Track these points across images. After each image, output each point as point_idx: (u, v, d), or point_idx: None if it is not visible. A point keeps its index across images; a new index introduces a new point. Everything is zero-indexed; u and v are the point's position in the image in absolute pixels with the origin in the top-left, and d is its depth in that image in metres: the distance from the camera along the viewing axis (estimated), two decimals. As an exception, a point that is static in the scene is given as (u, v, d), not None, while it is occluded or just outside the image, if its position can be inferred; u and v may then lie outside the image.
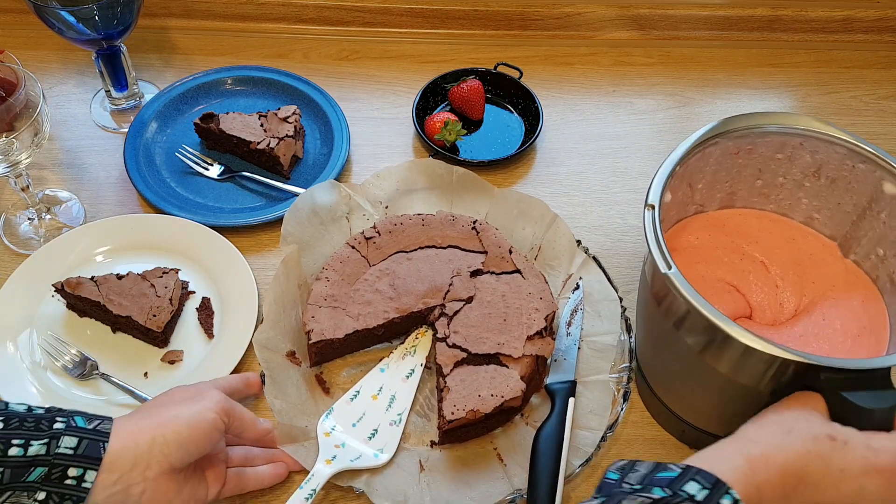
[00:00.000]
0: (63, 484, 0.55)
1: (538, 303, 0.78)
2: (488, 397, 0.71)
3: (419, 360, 0.79)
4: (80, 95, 1.04)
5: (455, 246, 0.83)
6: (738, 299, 0.71)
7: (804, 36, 1.13)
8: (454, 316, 0.77)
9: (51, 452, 0.55)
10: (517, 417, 0.76)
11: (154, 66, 1.08)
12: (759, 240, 0.74)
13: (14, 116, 0.77)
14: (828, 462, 0.53)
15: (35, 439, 0.55)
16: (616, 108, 1.05)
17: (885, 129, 1.04)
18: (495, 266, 0.81)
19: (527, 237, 0.86)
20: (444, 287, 0.79)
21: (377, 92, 1.05)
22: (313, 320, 0.77)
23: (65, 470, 0.55)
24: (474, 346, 0.75)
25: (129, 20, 0.91)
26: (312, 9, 1.11)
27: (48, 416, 0.56)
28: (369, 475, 0.70)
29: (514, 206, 0.87)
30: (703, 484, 0.50)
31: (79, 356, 0.78)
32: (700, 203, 0.76)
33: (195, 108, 1.01)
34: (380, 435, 0.73)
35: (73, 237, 0.87)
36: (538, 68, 1.08)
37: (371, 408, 0.75)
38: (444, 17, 1.11)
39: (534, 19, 1.12)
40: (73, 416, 0.57)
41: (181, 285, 0.82)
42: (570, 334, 0.79)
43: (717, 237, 0.74)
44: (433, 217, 0.84)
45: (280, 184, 0.93)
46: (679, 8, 1.11)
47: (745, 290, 0.72)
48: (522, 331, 0.75)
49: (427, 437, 0.75)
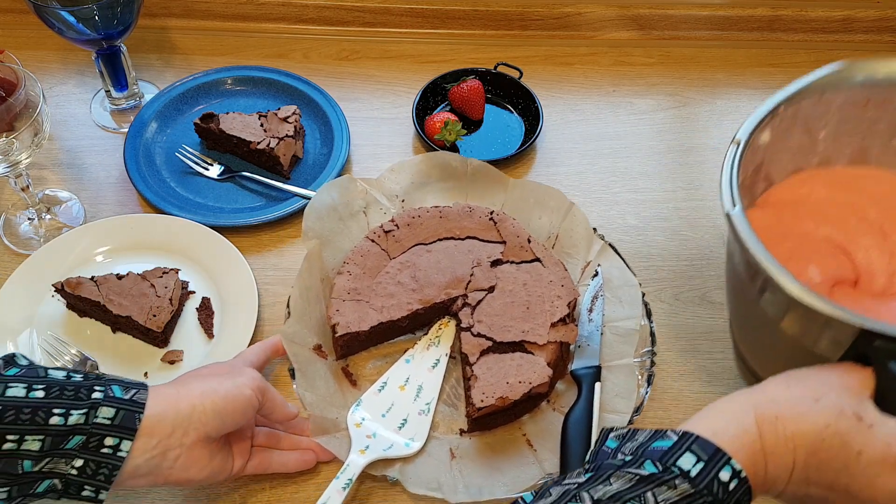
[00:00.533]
0: (99, 452, 0.56)
1: (560, 290, 0.79)
2: (516, 384, 0.72)
3: (444, 351, 0.79)
4: (80, 95, 1.04)
5: (473, 237, 0.84)
6: (843, 263, 0.62)
7: (804, 36, 1.13)
8: (477, 306, 0.78)
9: (89, 422, 0.56)
10: (544, 404, 0.77)
11: (154, 66, 1.08)
12: (884, 201, 0.65)
13: (14, 116, 0.77)
14: (846, 442, 0.49)
15: (75, 409, 0.56)
16: (616, 108, 1.05)
17: (885, 129, 1.04)
18: (515, 255, 0.82)
19: (543, 226, 0.87)
20: (466, 278, 0.80)
21: (377, 92, 1.06)
22: (338, 314, 0.77)
23: (102, 439, 0.56)
24: (499, 334, 0.76)
25: (129, 20, 0.91)
26: (312, 9, 1.11)
27: (87, 385, 0.57)
28: (402, 464, 0.72)
29: (530, 196, 0.87)
30: (698, 455, 0.48)
31: (79, 356, 0.78)
32: (825, 155, 0.68)
33: (195, 108, 1.01)
34: (409, 424, 0.74)
35: (73, 237, 0.87)
36: (538, 68, 1.08)
37: (399, 398, 0.76)
38: (444, 17, 1.11)
39: (534, 19, 1.12)
40: (111, 384, 0.58)
41: (181, 285, 0.82)
42: (592, 320, 0.80)
43: (836, 194, 0.66)
44: (450, 209, 0.85)
45: (280, 184, 0.93)
46: (679, 8, 1.11)
47: (854, 254, 0.63)
48: (546, 318, 0.76)
49: (455, 426, 0.76)
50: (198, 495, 0.71)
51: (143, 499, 0.71)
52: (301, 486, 0.72)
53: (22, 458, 0.54)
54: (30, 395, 0.55)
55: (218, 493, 0.71)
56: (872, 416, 0.50)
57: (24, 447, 0.54)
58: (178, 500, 0.71)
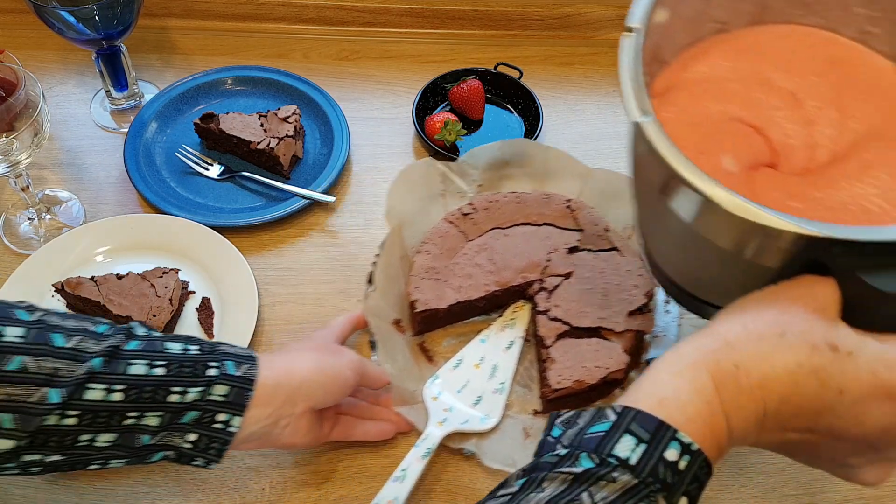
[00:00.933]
0: (212, 427, 0.58)
1: (637, 279, 0.80)
2: (593, 368, 0.74)
3: (518, 333, 0.81)
4: (80, 95, 1.04)
5: (550, 223, 0.85)
6: (757, 142, 0.54)
7: (804, 36, 1.13)
8: (553, 290, 0.80)
9: (203, 398, 0.57)
10: (617, 391, 0.78)
11: (154, 66, 1.08)
12: (794, 65, 0.57)
13: (14, 116, 0.77)
14: (823, 381, 0.42)
15: (192, 386, 0.57)
16: (616, 109, 1.05)
17: (886, 130, 1.04)
18: (592, 244, 0.83)
19: (620, 216, 0.87)
20: (542, 263, 0.82)
21: (377, 92, 1.05)
22: (417, 290, 0.79)
23: (214, 415, 0.58)
24: (575, 319, 0.77)
25: (129, 20, 0.91)
26: (312, 9, 1.11)
27: (203, 360, 0.59)
28: (477, 439, 0.73)
29: (609, 186, 0.88)
30: (638, 435, 0.41)
31: (79, 356, 0.78)
32: (721, 20, 0.59)
33: (195, 108, 1.01)
34: (484, 402, 0.75)
35: (73, 237, 0.87)
36: (538, 68, 1.08)
37: (474, 376, 0.77)
38: (444, 17, 1.11)
39: (534, 19, 1.12)
40: (224, 360, 0.59)
41: (181, 285, 0.82)
42: (669, 312, 0.81)
43: (738, 64, 0.57)
44: (528, 195, 0.87)
45: (280, 184, 0.93)
46: (679, 8, 1.11)
47: (767, 131, 0.55)
48: (623, 306, 0.78)
49: (529, 406, 0.77)
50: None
51: (143, 499, 0.71)
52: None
53: (141, 432, 0.56)
54: (151, 372, 0.56)
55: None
56: (849, 341, 0.42)
57: (143, 422, 0.56)
58: (178, 499, 0.71)
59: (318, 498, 0.71)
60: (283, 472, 0.73)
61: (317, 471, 0.73)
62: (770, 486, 0.74)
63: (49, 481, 0.71)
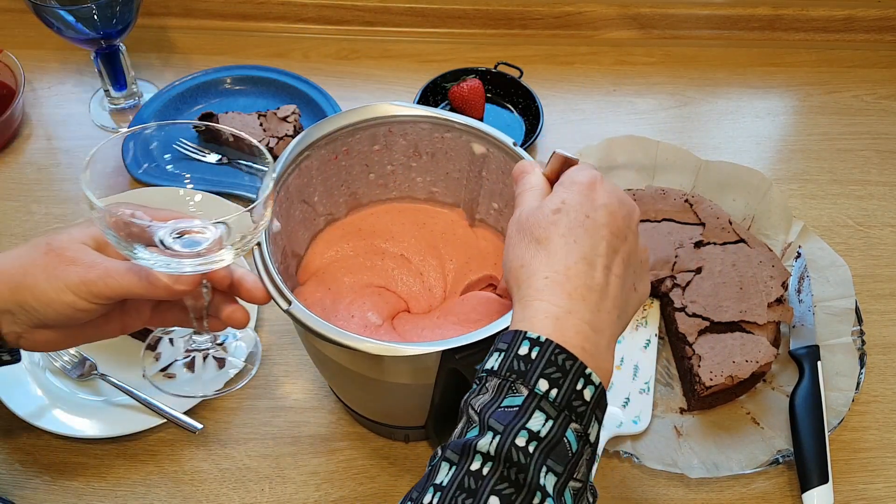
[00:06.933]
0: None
1: (771, 270, 0.80)
2: (743, 363, 0.74)
3: (652, 331, 0.81)
4: (80, 95, 1.04)
5: (669, 219, 0.85)
6: (391, 298, 0.70)
7: (805, 35, 1.13)
8: (687, 286, 0.79)
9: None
10: (760, 383, 0.78)
11: (153, 65, 1.08)
12: (394, 233, 0.74)
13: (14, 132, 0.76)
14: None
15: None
16: (617, 108, 1.05)
17: (886, 129, 1.04)
18: (716, 237, 0.83)
19: (738, 208, 0.87)
20: (670, 259, 0.82)
21: (377, 91, 1.05)
22: None
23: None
24: (715, 314, 0.77)
25: (128, 19, 0.91)
26: (312, 8, 1.11)
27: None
28: (632, 441, 0.73)
29: (722, 178, 0.88)
30: (498, 347, 0.47)
31: (77, 356, 0.78)
32: (328, 213, 0.74)
33: (194, 108, 1.01)
34: (632, 403, 0.75)
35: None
36: (538, 68, 1.07)
37: (617, 377, 0.77)
38: (444, 16, 1.11)
39: (534, 18, 1.11)
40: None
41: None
42: (803, 301, 0.81)
43: (355, 243, 0.73)
44: (643, 192, 0.87)
45: (280, 183, 0.92)
46: (680, 7, 1.11)
47: (393, 288, 0.71)
48: (762, 298, 0.78)
49: (674, 404, 0.77)
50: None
51: (142, 499, 0.71)
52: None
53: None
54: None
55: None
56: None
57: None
58: (177, 500, 0.71)
59: (317, 498, 0.71)
60: (283, 472, 0.73)
61: (316, 471, 0.73)
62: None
63: (49, 481, 0.71)
